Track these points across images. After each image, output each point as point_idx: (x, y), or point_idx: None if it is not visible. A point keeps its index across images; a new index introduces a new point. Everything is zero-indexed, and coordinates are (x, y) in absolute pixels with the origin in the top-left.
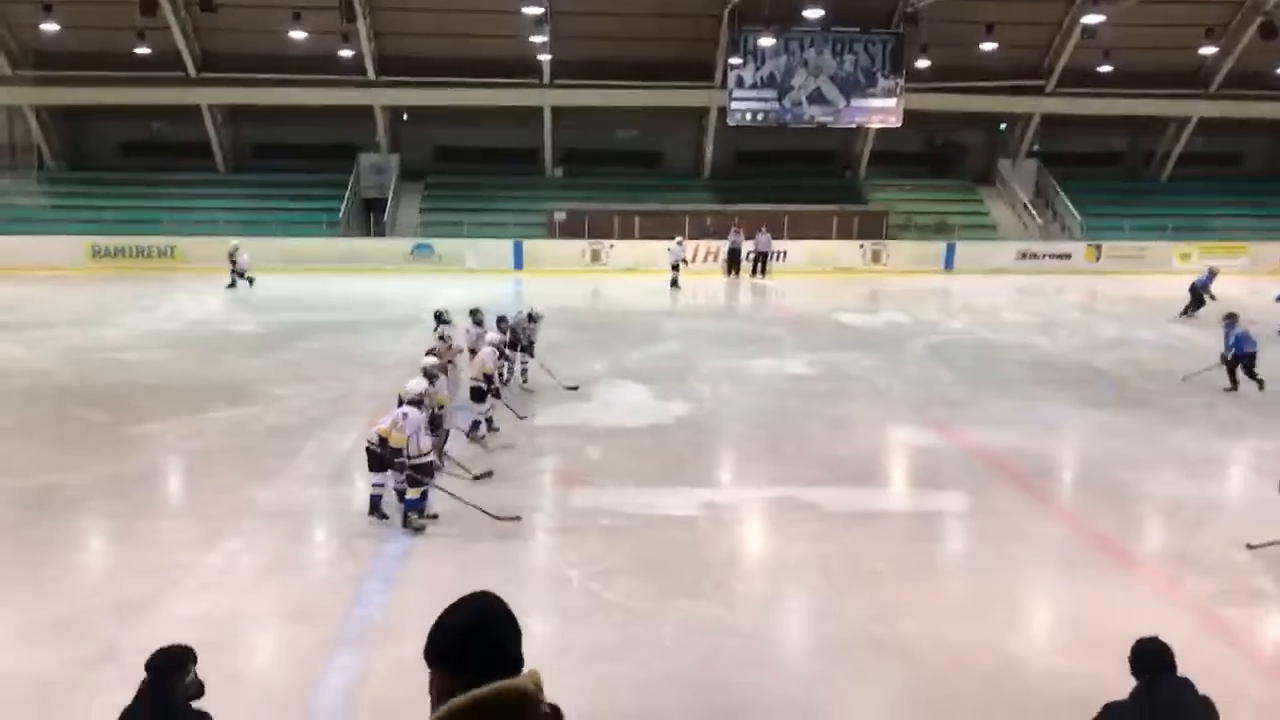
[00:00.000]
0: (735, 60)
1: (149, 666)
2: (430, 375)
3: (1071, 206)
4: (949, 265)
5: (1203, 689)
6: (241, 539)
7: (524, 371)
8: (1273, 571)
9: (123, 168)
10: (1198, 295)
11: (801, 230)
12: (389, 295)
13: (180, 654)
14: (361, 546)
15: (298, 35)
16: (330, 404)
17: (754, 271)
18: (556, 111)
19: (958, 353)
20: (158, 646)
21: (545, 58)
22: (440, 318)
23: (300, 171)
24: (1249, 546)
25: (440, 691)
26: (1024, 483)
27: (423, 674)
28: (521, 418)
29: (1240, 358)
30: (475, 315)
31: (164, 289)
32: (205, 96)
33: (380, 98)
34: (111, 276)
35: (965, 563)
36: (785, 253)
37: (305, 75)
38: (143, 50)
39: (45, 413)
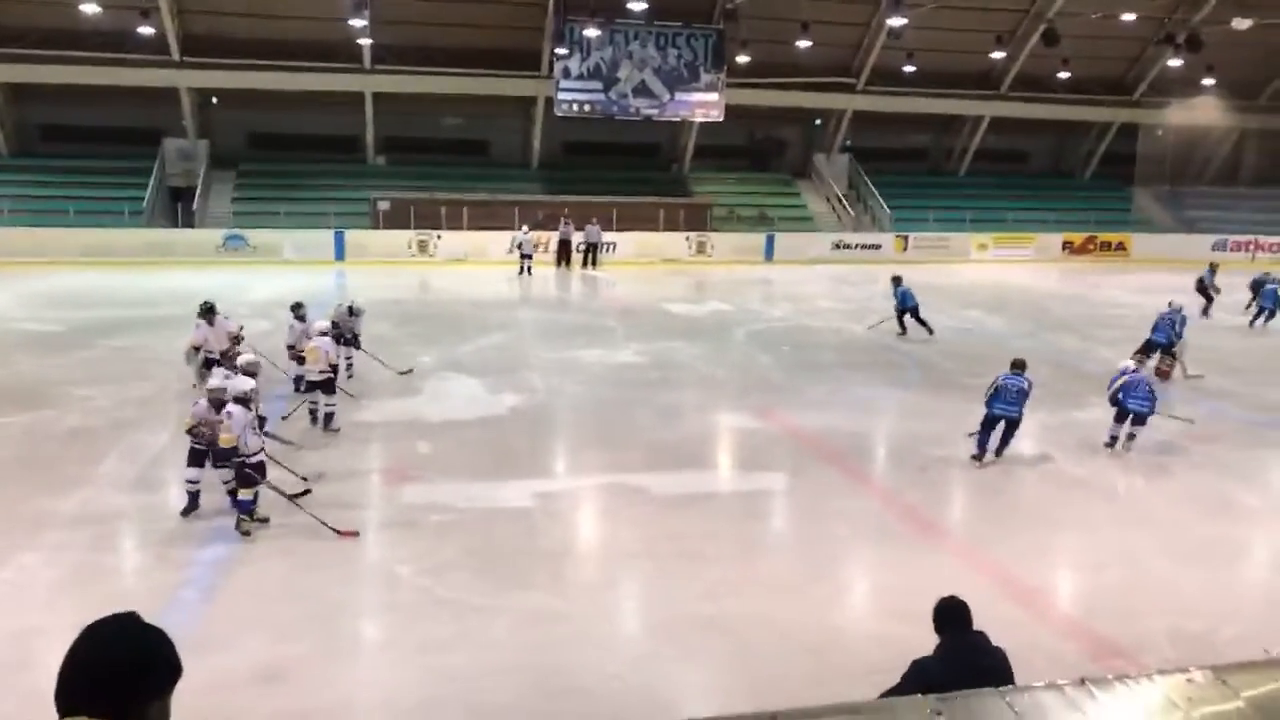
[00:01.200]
0: (561, 50)
1: None
2: (251, 372)
3: (881, 199)
4: (769, 256)
5: (1000, 642)
6: (38, 552)
7: (349, 366)
8: (1062, 535)
9: None
10: (1204, 289)
11: (630, 222)
12: (201, 289)
13: None
14: (176, 554)
15: (89, 9)
16: (139, 405)
17: (584, 263)
18: (378, 97)
19: (778, 339)
20: None
21: (365, 42)
22: (298, 310)
23: (98, 157)
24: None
25: None
26: (840, 461)
27: (242, 686)
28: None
29: (906, 310)
30: (298, 310)
31: None
32: None
33: (185, 79)
34: None
35: (787, 540)
36: (615, 244)
37: (99, 53)
38: None
39: None
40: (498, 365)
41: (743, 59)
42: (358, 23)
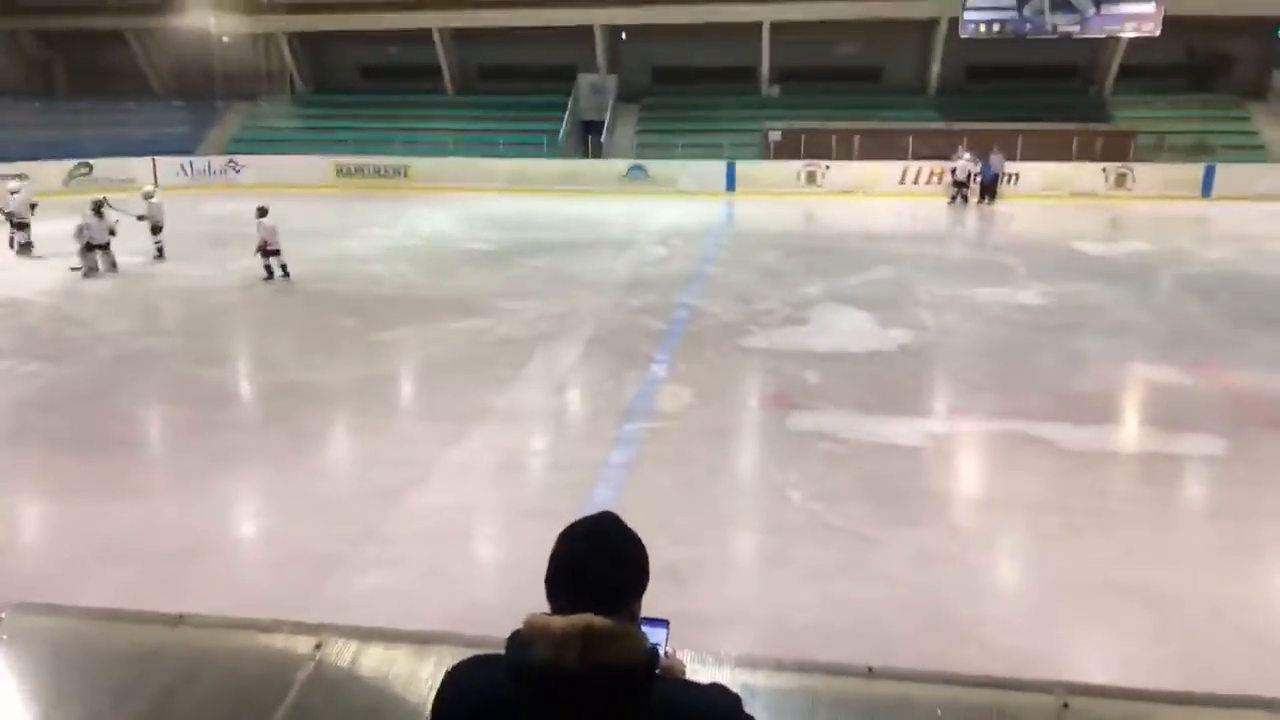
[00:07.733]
0: None
1: None
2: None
3: None
4: (1206, 191)
5: None
6: (480, 439)
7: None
8: None
9: (361, 90)
10: None
11: (1036, 152)
12: (606, 216)
13: None
14: (590, 454)
15: None
16: (557, 319)
17: (982, 196)
18: (775, 27)
19: (1214, 286)
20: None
21: None
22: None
23: (522, 93)
24: None
25: None
26: None
27: (650, 582)
28: None
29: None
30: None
31: (399, 206)
32: (435, 20)
33: (599, 17)
34: (353, 194)
35: (1221, 510)
36: (1017, 176)
37: None
38: None
39: (302, 317)
40: (886, 299)
41: None
42: None
